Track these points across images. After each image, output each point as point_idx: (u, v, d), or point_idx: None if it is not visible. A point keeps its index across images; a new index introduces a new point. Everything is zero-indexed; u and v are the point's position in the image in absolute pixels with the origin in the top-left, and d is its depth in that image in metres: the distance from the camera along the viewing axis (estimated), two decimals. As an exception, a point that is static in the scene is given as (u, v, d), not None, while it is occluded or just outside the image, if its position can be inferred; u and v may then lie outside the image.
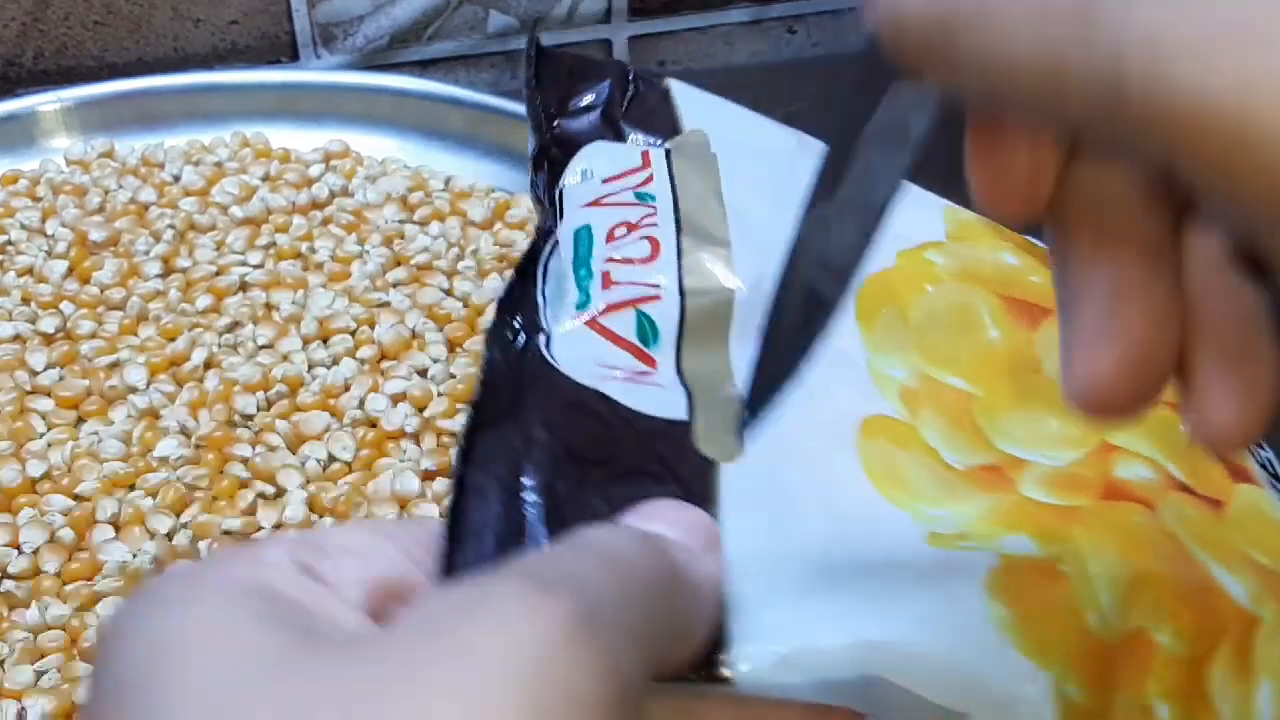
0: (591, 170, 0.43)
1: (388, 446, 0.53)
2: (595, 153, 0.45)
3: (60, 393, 0.54)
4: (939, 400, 0.38)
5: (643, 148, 0.45)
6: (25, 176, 0.65)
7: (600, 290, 0.39)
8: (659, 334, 0.38)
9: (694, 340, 0.38)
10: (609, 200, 0.42)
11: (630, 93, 0.47)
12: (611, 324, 0.38)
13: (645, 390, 0.36)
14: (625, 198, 0.42)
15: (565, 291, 0.40)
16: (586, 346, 0.38)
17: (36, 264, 0.60)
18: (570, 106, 0.47)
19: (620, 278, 0.39)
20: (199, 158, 0.66)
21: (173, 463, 0.52)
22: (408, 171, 0.65)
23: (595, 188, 0.43)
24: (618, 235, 0.40)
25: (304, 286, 0.59)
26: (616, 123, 0.47)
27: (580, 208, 0.42)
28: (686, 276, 0.39)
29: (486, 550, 0.30)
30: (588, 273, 0.40)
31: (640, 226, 0.41)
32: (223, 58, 0.75)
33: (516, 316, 0.39)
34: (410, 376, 0.55)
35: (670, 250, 0.40)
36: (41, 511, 0.50)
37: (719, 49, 0.79)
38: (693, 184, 0.42)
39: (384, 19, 0.75)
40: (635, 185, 0.42)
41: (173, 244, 0.61)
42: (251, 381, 0.54)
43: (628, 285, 0.39)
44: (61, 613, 0.47)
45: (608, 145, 0.45)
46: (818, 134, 0.74)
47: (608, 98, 0.47)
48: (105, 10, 0.72)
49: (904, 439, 0.37)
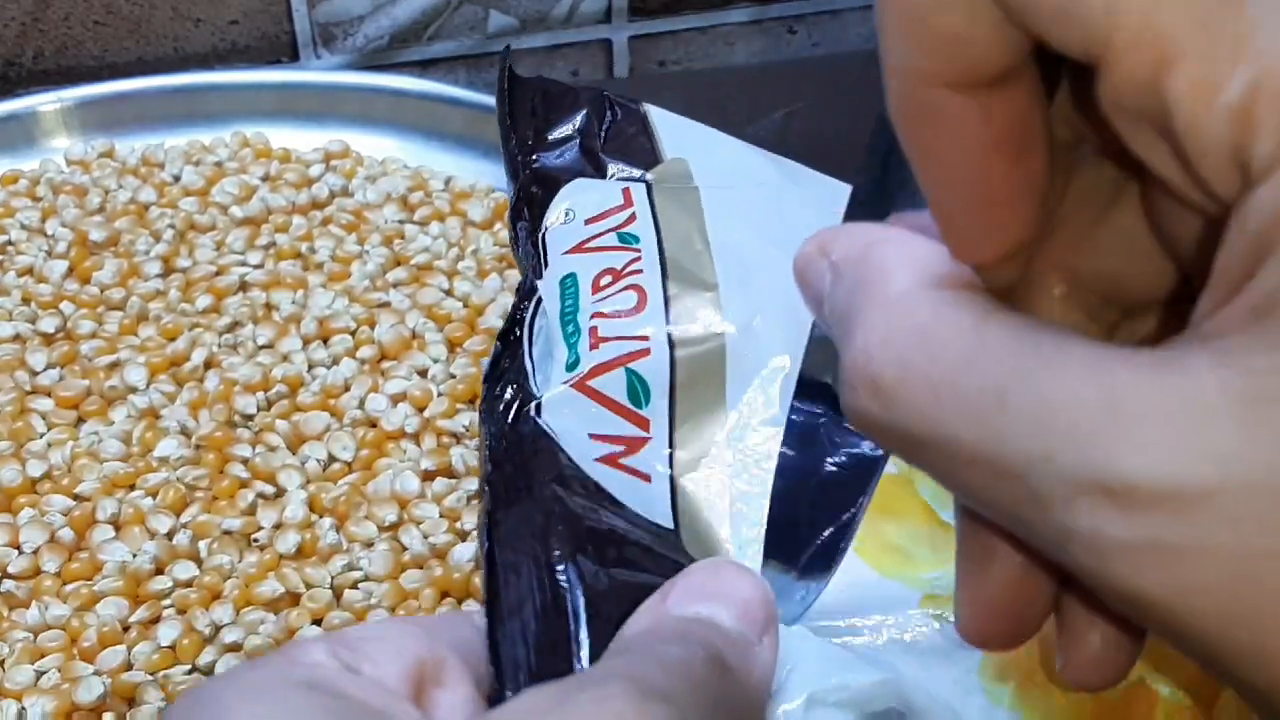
0: (574, 211, 0.43)
1: (388, 447, 0.53)
2: (577, 191, 0.44)
3: (60, 393, 0.54)
4: None
5: (624, 184, 0.44)
6: (25, 176, 0.65)
7: (588, 350, 0.39)
8: (650, 393, 0.38)
9: (687, 400, 0.38)
10: (592, 245, 0.42)
11: (608, 120, 0.47)
12: (601, 386, 0.38)
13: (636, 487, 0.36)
14: (609, 240, 0.41)
15: (554, 350, 0.39)
16: (577, 412, 0.37)
17: (36, 264, 0.60)
18: (548, 138, 0.46)
19: (607, 333, 0.39)
20: (199, 158, 0.66)
21: (173, 463, 0.52)
22: (408, 171, 0.65)
23: (578, 229, 0.42)
24: (603, 284, 0.40)
25: (304, 286, 0.59)
26: (596, 154, 0.46)
27: (563, 254, 0.42)
28: (674, 326, 0.39)
29: (528, 625, 0.31)
30: (576, 329, 0.39)
31: (625, 274, 0.40)
32: (223, 58, 0.75)
33: (506, 386, 0.39)
34: (410, 376, 0.55)
35: (657, 298, 0.39)
36: (41, 511, 0.50)
37: (719, 49, 0.79)
38: (676, 221, 0.42)
39: (384, 19, 0.75)
40: (618, 226, 0.42)
41: (173, 244, 0.61)
42: (251, 381, 0.54)
43: (615, 341, 0.38)
44: (61, 613, 0.47)
45: (589, 183, 0.45)
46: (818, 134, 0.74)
47: (584, 127, 0.46)
48: (105, 10, 0.72)
49: (897, 503, 0.37)
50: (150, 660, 0.46)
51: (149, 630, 0.47)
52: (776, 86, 0.74)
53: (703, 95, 0.74)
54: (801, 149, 0.71)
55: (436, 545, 0.49)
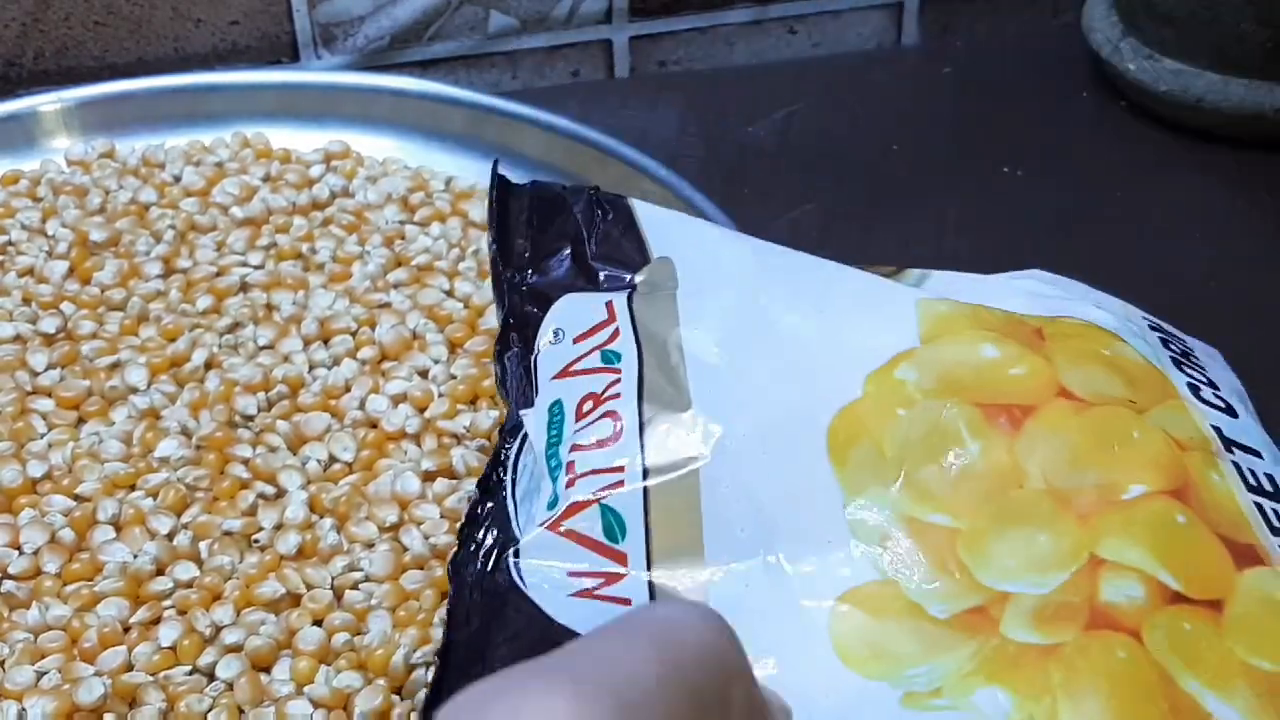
0: (563, 331, 0.44)
1: (388, 447, 0.53)
2: (566, 307, 0.44)
3: (61, 393, 0.54)
4: (922, 541, 0.37)
5: (608, 296, 0.44)
6: (26, 177, 0.65)
7: (564, 488, 0.39)
8: (625, 527, 0.38)
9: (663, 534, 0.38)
10: (577, 368, 0.42)
11: (598, 223, 0.47)
12: (577, 525, 0.38)
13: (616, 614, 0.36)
14: (593, 361, 0.42)
15: (540, 486, 0.39)
16: (555, 552, 0.37)
17: (37, 264, 0.60)
18: (543, 250, 0.47)
19: (584, 467, 0.39)
20: (199, 158, 0.66)
21: (173, 463, 0.52)
22: (408, 172, 0.65)
23: (567, 350, 0.43)
24: (585, 411, 0.40)
25: (305, 287, 0.59)
26: (586, 262, 0.46)
27: (552, 379, 0.42)
28: (648, 453, 0.39)
29: None
30: (559, 463, 0.39)
31: (605, 399, 0.40)
32: (223, 58, 0.75)
33: (487, 532, 0.39)
34: (411, 377, 0.55)
35: (632, 426, 0.39)
36: (42, 512, 0.50)
37: (719, 49, 0.79)
38: (655, 333, 0.42)
39: (384, 19, 0.75)
40: (603, 343, 0.42)
41: (173, 244, 0.61)
42: (252, 382, 0.54)
43: (590, 476, 0.38)
44: (62, 613, 0.47)
45: (577, 298, 0.45)
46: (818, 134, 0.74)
47: (575, 233, 0.47)
48: (106, 11, 0.72)
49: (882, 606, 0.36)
50: (151, 661, 0.46)
51: (149, 631, 0.47)
52: (776, 86, 0.74)
53: (703, 95, 0.74)
54: (801, 149, 0.71)
55: (437, 546, 0.49)
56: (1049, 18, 0.82)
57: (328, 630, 0.46)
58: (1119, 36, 0.71)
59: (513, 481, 0.41)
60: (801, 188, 0.68)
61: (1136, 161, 0.69)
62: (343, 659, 0.46)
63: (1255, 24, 0.66)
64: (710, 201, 0.61)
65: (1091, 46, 0.72)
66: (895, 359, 0.41)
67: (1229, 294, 0.62)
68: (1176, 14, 0.68)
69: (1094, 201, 0.67)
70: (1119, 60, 0.71)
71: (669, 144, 0.70)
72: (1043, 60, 0.76)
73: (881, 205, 0.67)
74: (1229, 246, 0.65)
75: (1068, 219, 0.67)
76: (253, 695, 0.45)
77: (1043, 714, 0.34)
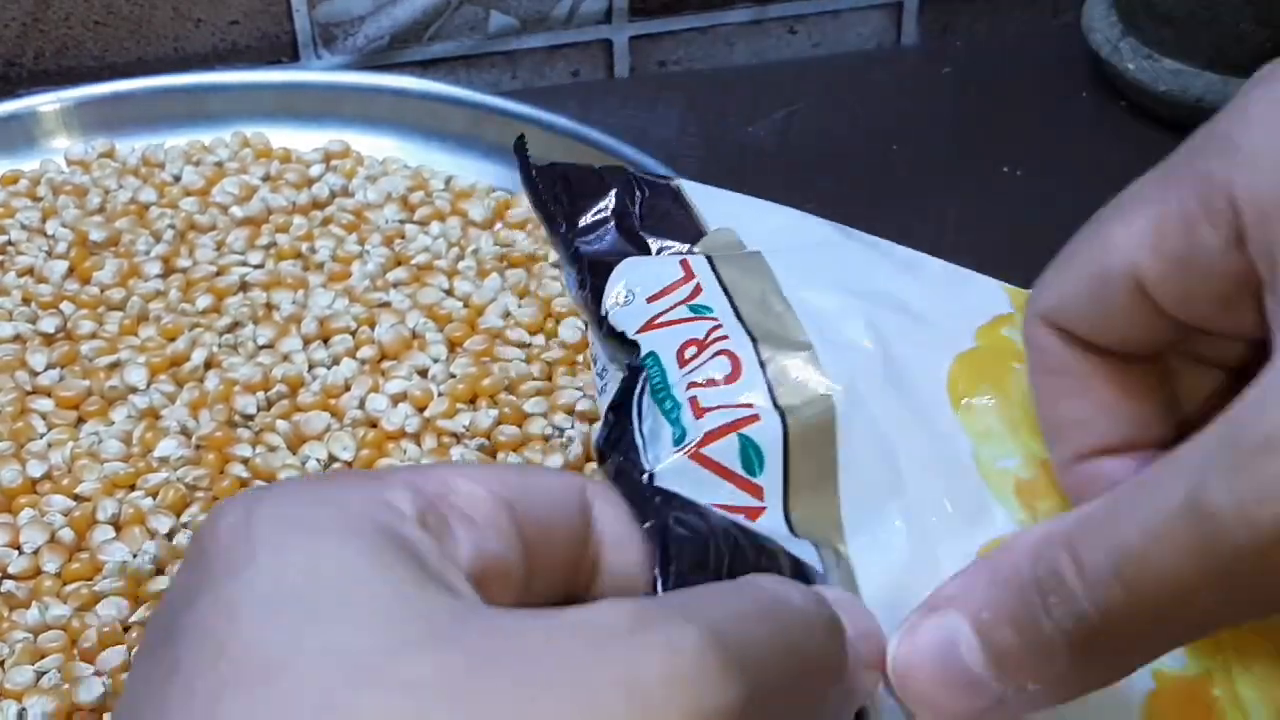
0: (633, 291, 0.40)
1: (388, 447, 0.53)
2: (630, 270, 0.41)
3: (61, 393, 0.54)
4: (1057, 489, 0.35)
5: (679, 257, 0.41)
6: (25, 177, 0.65)
7: (693, 419, 0.36)
8: (764, 460, 0.35)
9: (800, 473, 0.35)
10: (663, 320, 0.39)
11: (639, 198, 0.44)
12: (713, 454, 0.35)
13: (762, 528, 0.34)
14: (680, 314, 0.39)
15: (660, 429, 0.37)
16: (693, 482, 0.35)
17: (37, 264, 0.60)
18: (580, 225, 0.43)
19: (710, 402, 0.36)
20: (199, 158, 0.66)
21: (173, 463, 0.52)
22: (408, 171, 0.65)
23: (642, 309, 0.39)
24: (689, 356, 0.37)
25: (304, 286, 0.59)
26: (636, 234, 0.43)
27: (636, 334, 0.39)
28: (778, 391, 0.36)
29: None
30: (674, 403, 0.37)
31: (709, 342, 0.38)
32: (223, 58, 0.75)
33: (618, 457, 0.36)
34: (410, 377, 0.55)
35: (752, 364, 0.37)
36: (42, 512, 0.50)
37: (720, 49, 0.79)
38: (747, 287, 0.39)
39: (384, 19, 0.75)
40: (686, 299, 0.39)
41: (173, 244, 0.61)
42: (252, 382, 0.54)
43: (717, 410, 0.36)
44: (62, 613, 0.47)
45: (640, 260, 0.41)
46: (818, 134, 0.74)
47: (618, 208, 0.43)
48: (106, 10, 0.72)
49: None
50: (150, 660, 0.46)
51: (149, 630, 0.47)
52: (776, 86, 0.74)
53: (703, 95, 0.74)
54: (801, 149, 0.71)
55: (437, 545, 0.49)
56: (1049, 18, 0.82)
57: (327, 630, 0.46)
58: (1118, 36, 0.71)
59: (638, 416, 0.37)
60: (801, 188, 0.68)
61: (1136, 161, 0.69)
62: (342, 658, 0.46)
63: (1254, 24, 0.66)
64: (710, 201, 0.61)
65: (1091, 46, 0.72)
66: (996, 320, 0.40)
67: (1229, 294, 0.62)
68: (1176, 14, 0.68)
69: (1094, 201, 0.67)
70: (1118, 60, 0.71)
71: (669, 144, 0.70)
72: (1043, 60, 0.76)
73: (881, 205, 0.67)
74: (1229, 246, 0.64)
75: (1068, 219, 0.66)
76: (252, 695, 0.45)
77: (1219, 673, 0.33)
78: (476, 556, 0.24)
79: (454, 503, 0.25)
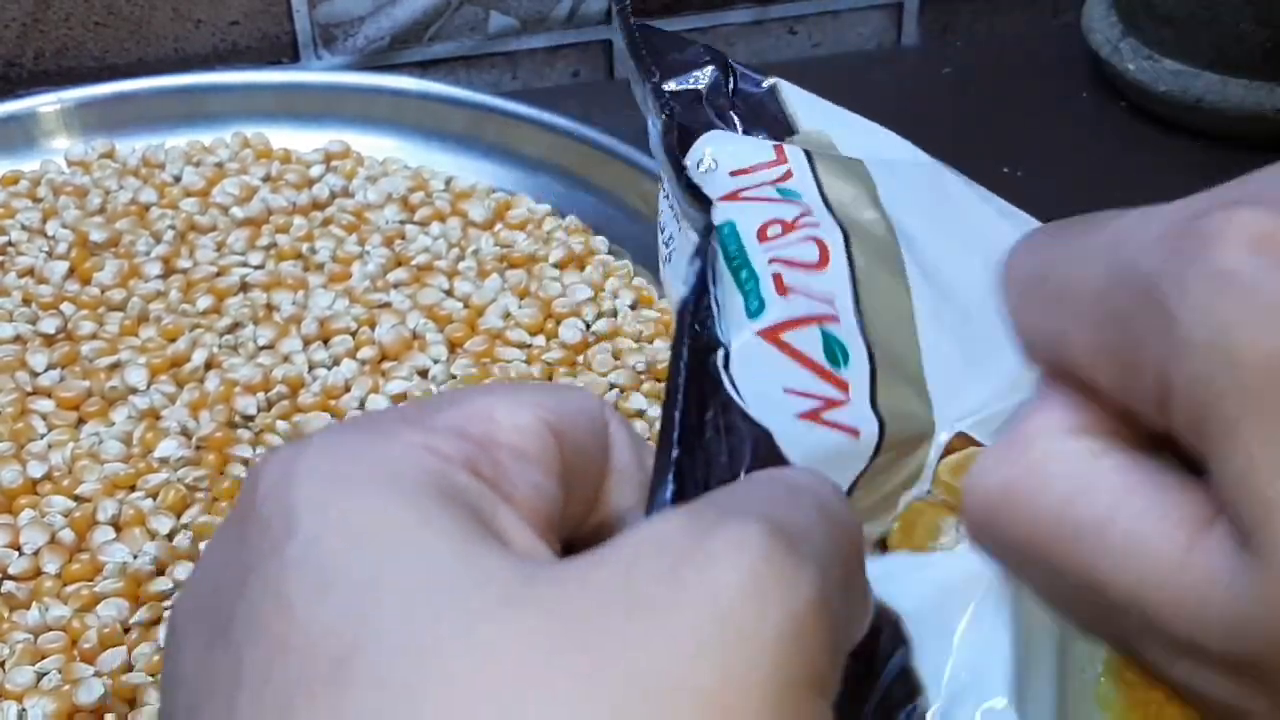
0: (716, 160, 0.38)
1: (388, 447, 0.53)
2: (715, 141, 0.39)
3: (61, 394, 0.54)
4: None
5: (773, 141, 0.39)
6: (26, 177, 0.65)
7: (775, 295, 0.34)
8: (849, 355, 0.33)
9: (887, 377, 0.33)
10: (747, 195, 0.37)
11: (734, 84, 0.42)
12: (794, 340, 0.33)
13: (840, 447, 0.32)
14: (767, 193, 0.36)
15: (731, 300, 0.34)
16: (768, 366, 0.32)
17: (37, 265, 0.60)
18: (671, 88, 0.41)
19: (794, 283, 0.34)
20: (199, 158, 0.66)
21: (173, 463, 0.52)
22: (408, 172, 0.65)
23: (723, 180, 0.37)
24: (772, 235, 0.35)
25: (304, 287, 0.59)
26: (727, 114, 0.41)
27: (718, 200, 0.36)
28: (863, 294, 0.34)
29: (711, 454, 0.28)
30: (750, 273, 0.34)
31: (798, 226, 0.35)
32: (223, 58, 0.75)
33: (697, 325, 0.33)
34: (411, 377, 0.55)
35: (840, 260, 0.35)
36: (42, 512, 0.50)
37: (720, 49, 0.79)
38: (842, 188, 0.37)
39: (384, 20, 0.75)
40: (775, 180, 0.37)
41: (173, 245, 0.61)
42: (252, 382, 0.54)
43: (805, 297, 0.34)
44: (62, 614, 0.47)
45: (729, 135, 0.39)
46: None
47: (712, 84, 0.41)
48: (106, 11, 0.72)
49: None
50: (151, 662, 0.46)
51: (150, 632, 0.47)
52: (777, 87, 0.74)
53: (703, 95, 0.74)
54: (802, 149, 0.71)
55: (437, 546, 0.49)
56: (1049, 18, 0.82)
57: (328, 630, 0.46)
58: (1119, 37, 0.71)
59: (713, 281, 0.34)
60: (801, 188, 0.68)
61: (1136, 161, 0.69)
62: (343, 659, 0.46)
63: (1255, 24, 0.66)
64: (710, 202, 0.61)
65: (1091, 47, 0.72)
66: None
67: (1229, 294, 0.62)
68: (1176, 14, 0.68)
69: (1094, 201, 0.67)
70: (1119, 60, 0.71)
71: (669, 144, 0.70)
72: (1043, 60, 0.76)
73: (881, 205, 0.67)
74: (1229, 246, 0.64)
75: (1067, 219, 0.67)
76: (253, 695, 0.45)
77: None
78: (536, 496, 0.23)
79: (503, 440, 0.23)
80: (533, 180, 0.65)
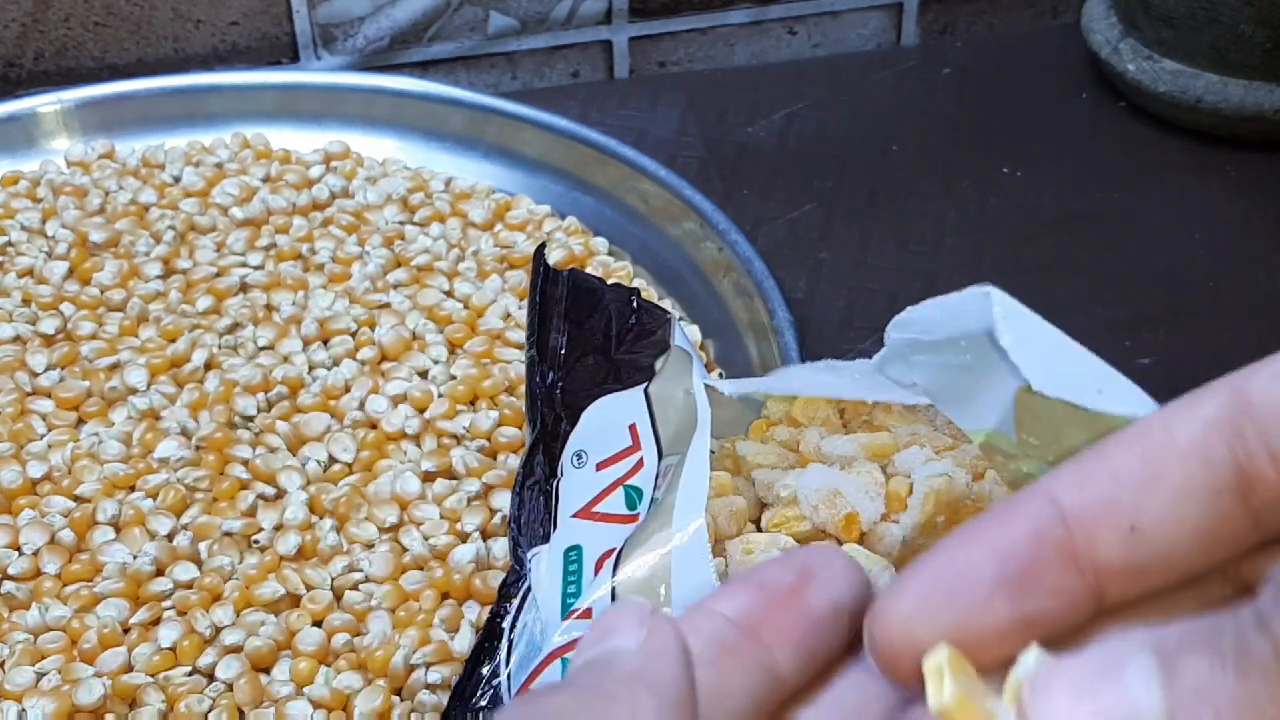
0: (585, 453, 0.44)
1: (388, 448, 0.53)
2: (592, 423, 0.45)
3: (61, 394, 0.54)
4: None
5: (630, 418, 0.44)
6: (25, 177, 0.65)
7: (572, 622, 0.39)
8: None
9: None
10: (599, 510, 0.42)
11: (630, 321, 0.49)
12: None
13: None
14: (614, 505, 0.42)
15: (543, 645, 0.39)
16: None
17: (37, 265, 0.60)
18: (577, 350, 0.48)
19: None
20: (199, 159, 0.66)
21: (173, 464, 0.52)
22: (408, 172, 0.65)
23: (589, 479, 0.43)
24: (604, 568, 0.39)
25: (304, 288, 0.59)
26: (613, 359, 0.48)
27: (571, 517, 0.42)
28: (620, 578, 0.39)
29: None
30: (577, 590, 0.40)
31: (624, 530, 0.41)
32: (223, 59, 0.75)
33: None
34: (411, 378, 0.55)
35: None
36: (42, 513, 0.50)
37: (719, 50, 0.79)
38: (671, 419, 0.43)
39: (384, 20, 0.75)
40: (624, 476, 0.42)
41: (173, 245, 0.61)
42: (252, 383, 0.54)
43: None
44: (62, 614, 0.47)
45: (604, 412, 0.45)
46: (818, 134, 0.74)
47: (606, 329, 0.48)
48: (106, 11, 0.72)
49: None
50: (151, 662, 0.46)
51: (149, 632, 0.47)
52: (776, 86, 0.74)
53: (702, 95, 0.74)
54: (801, 149, 0.71)
55: (437, 547, 0.49)
56: (1049, 18, 0.82)
57: (327, 631, 0.46)
58: (1118, 37, 0.71)
59: (508, 649, 0.41)
60: (801, 188, 0.68)
61: (1136, 162, 0.69)
62: (342, 660, 0.46)
63: (1254, 24, 0.66)
64: (710, 202, 0.61)
65: (1091, 47, 0.72)
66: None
67: (1229, 294, 0.62)
68: (1175, 15, 0.68)
69: (1094, 202, 0.67)
70: (1118, 61, 0.71)
71: (668, 144, 0.70)
72: (1042, 60, 0.76)
73: (881, 205, 0.67)
74: (1229, 246, 0.64)
75: (1067, 219, 0.67)
76: (252, 696, 0.45)
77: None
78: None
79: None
80: (532, 181, 0.65)
